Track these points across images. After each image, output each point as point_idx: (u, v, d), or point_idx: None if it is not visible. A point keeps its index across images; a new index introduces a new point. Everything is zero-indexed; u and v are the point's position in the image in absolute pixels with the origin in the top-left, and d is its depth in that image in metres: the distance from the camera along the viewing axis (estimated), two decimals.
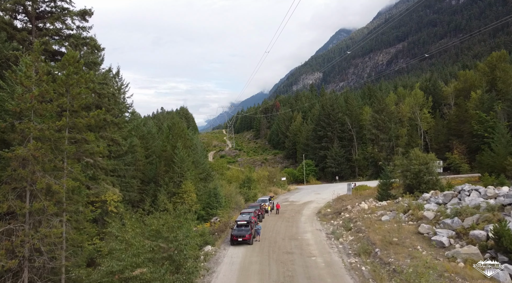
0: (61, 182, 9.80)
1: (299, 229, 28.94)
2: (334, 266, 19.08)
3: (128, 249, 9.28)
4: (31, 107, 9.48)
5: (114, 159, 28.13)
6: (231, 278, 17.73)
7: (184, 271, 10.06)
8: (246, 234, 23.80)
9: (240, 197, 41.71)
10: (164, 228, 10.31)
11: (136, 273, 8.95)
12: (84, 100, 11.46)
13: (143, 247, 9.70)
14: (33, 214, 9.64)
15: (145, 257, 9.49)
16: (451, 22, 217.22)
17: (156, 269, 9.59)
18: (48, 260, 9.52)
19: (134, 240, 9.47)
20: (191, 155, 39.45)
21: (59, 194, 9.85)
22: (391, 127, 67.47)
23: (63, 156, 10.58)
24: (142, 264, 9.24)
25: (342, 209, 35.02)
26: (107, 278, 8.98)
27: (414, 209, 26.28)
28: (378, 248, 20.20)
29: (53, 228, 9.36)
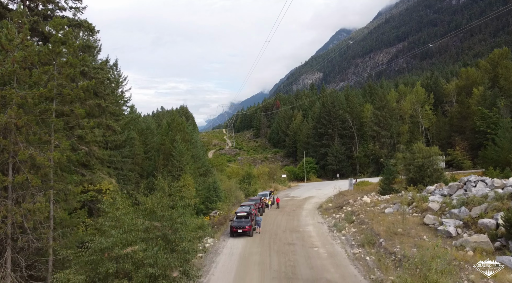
0: (47, 154, 9.10)
1: (300, 222, 28.25)
2: (337, 257, 18.40)
3: (119, 226, 8.59)
4: (13, 72, 8.78)
5: (111, 150, 27.44)
6: (231, 268, 17.05)
7: (179, 249, 9.36)
8: (246, 226, 23.11)
9: (240, 192, 41.00)
10: (159, 207, 9.61)
11: (127, 251, 8.27)
12: (73, 71, 10.77)
13: (135, 225, 9.02)
14: (16, 189, 8.94)
15: (137, 235, 8.82)
16: (452, 22, 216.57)
17: (149, 247, 8.91)
18: (34, 240, 8.84)
19: (126, 217, 8.78)
20: (190, 149, 38.74)
21: (45, 168, 9.16)
22: (392, 124, 66.76)
23: (50, 129, 9.89)
24: (133, 242, 8.57)
25: (344, 203, 34.31)
26: (96, 256, 8.30)
27: (418, 201, 25.58)
28: (382, 238, 19.51)
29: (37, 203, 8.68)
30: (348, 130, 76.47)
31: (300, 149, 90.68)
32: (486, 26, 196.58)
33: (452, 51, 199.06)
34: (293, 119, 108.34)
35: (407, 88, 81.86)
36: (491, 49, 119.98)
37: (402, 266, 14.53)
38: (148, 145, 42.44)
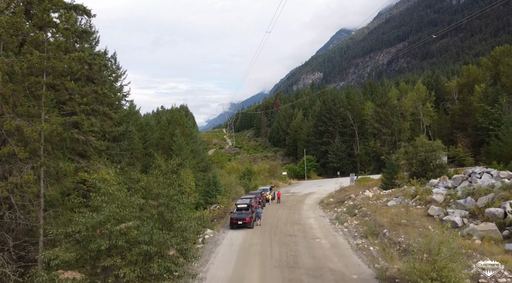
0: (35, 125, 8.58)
1: (301, 215, 27.74)
2: (340, 247, 17.89)
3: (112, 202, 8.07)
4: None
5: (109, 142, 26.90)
6: (231, 258, 16.55)
7: (176, 227, 8.84)
8: (246, 217, 22.59)
9: (240, 187, 40.47)
10: (155, 185, 9.09)
11: (120, 227, 7.76)
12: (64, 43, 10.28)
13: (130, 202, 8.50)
14: (2, 163, 8.43)
15: (131, 211, 8.30)
16: (452, 21, 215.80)
17: (144, 223, 8.39)
18: (22, 218, 8.35)
19: (120, 193, 8.26)
20: (189, 144, 38.24)
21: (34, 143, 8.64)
22: (393, 121, 66.26)
23: (40, 103, 9.38)
24: (127, 218, 8.06)
25: (346, 198, 33.79)
26: (86, 232, 7.79)
27: (421, 193, 25.05)
28: (386, 229, 19.00)
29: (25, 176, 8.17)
30: (349, 128, 75.96)
31: (300, 147, 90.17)
32: (487, 25, 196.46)
33: (453, 51, 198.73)
34: (294, 118, 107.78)
35: (408, 86, 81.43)
36: (492, 49, 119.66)
37: (409, 253, 14.03)
38: (147, 141, 41.97)
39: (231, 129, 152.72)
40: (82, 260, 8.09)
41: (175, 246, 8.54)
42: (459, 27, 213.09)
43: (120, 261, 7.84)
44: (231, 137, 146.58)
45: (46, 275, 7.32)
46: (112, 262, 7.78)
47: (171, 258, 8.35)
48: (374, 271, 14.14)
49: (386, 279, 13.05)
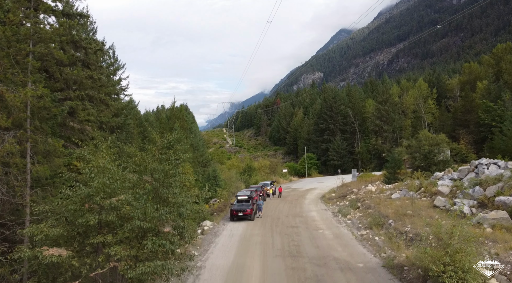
0: (19, 91, 7.95)
1: (303, 209, 27.10)
2: (344, 237, 17.25)
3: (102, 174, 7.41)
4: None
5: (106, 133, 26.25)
6: (231, 247, 15.90)
7: (171, 201, 8.17)
8: (247, 209, 21.95)
9: (241, 182, 39.81)
10: (150, 160, 8.43)
11: (111, 200, 7.11)
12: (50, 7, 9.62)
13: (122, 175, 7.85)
14: None
15: (123, 184, 7.64)
16: (452, 21, 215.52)
17: (137, 195, 7.72)
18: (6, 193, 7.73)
19: (110, 165, 7.60)
20: (189, 138, 37.59)
21: (19, 113, 8.04)
22: (395, 118, 65.64)
23: (26, 73, 8.76)
24: (118, 191, 7.41)
25: (348, 192, 33.15)
26: (73, 206, 7.14)
27: (426, 186, 24.42)
28: (391, 219, 18.38)
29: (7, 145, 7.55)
30: (350, 126, 75.32)
31: (301, 146, 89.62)
32: (487, 25, 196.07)
33: (453, 51, 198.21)
34: (294, 116, 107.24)
35: (409, 83, 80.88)
36: (493, 48, 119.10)
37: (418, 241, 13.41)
38: (146, 137, 41.32)
39: (231, 129, 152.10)
40: (69, 237, 7.45)
41: (171, 223, 7.89)
42: (460, 27, 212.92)
43: (111, 238, 7.21)
44: (231, 136, 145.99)
45: (29, 251, 6.70)
46: (102, 239, 7.15)
47: (166, 236, 7.71)
48: (380, 260, 13.51)
49: (394, 267, 12.42)
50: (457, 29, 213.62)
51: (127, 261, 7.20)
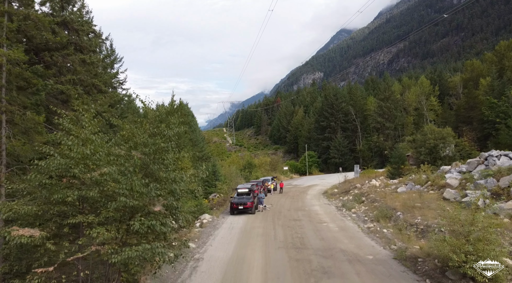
0: None
1: (305, 203, 26.16)
2: (350, 230, 16.30)
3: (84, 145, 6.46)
4: None
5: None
6: (231, 240, 14.95)
7: (162, 176, 7.19)
8: (247, 202, 21.00)
9: (241, 178, 38.83)
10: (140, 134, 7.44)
11: (93, 174, 6.18)
12: None
13: (107, 147, 6.90)
14: None
15: (107, 158, 6.69)
16: (453, 21, 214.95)
17: (122, 168, 6.74)
18: None
19: (94, 137, 6.64)
20: (188, 132, 36.63)
21: None
22: (397, 115, 64.69)
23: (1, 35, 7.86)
24: (101, 163, 6.47)
25: (351, 187, 32.23)
26: (49, 180, 6.19)
27: (434, 179, 23.47)
28: (399, 212, 17.42)
29: None
30: (351, 123, 74.33)
31: (301, 144, 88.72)
32: (488, 25, 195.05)
33: (454, 50, 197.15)
34: (295, 115, 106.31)
35: (411, 81, 79.98)
36: (493, 48, 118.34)
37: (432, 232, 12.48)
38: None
39: (231, 128, 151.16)
40: (45, 216, 6.51)
41: (162, 201, 6.94)
42: (460, 26, 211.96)
43: (93, 218, 6.28)
44: (231, 135, 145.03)
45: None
46: (83, 219, 6.21)
47: (157, 216, 6.76)
48: (391, 252, 12.56)
49: (406, 259, 11.46)
50: (458, 29, 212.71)
51: (111, 245, 6.27)
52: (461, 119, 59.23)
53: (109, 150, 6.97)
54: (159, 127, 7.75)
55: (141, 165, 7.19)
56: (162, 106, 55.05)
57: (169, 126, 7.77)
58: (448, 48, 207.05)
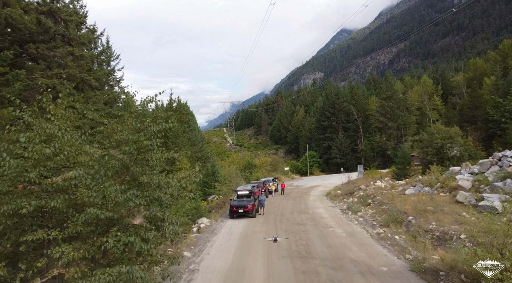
0: None
1: (308, 205, 24.89)
2: (358, 236, 15.04)
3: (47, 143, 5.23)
4: None
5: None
6: (230, 247, 13.69)
7: (143, 180, 5.87)
8: (248, 205, 19.73)
9: (241, 179, 37.58)
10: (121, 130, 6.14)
11: (55, 180, 4.95)
12: None
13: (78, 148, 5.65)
14: None
15: (76, 159, 5.44)
16: (454, 21, 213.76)
17: (92, 171, 5.48)
18: None
19: (61, 133, 5.37)
20: (187, 132, 35.40)
21: None
22: (399, 115, 63.39)
23: None
24: (70, 165, 5.24)
25: (355, 189, 30.97)
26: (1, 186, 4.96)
27: (444, 181, 22.21)
28: (411, 216, 16.16)
29: None
30: (353, 123, 73.05)
31: (302, 144, 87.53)
32: (489, 24, 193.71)
33: (455, 50, 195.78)
34: (295, 114, 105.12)
35: (413, 80, 78.74)
36: (495, 48, 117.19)
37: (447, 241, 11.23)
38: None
39: (231, 128, 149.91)
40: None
41: (143, 212, 5.68)
42: (461, 26, 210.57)
43: (57, 234, 5.05)
44: (231, 135, 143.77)
45: None
46: (45, 236, 4.98)
47: (136, 230, 5.52)
48: (406, 263, 11.30)
49: (426, 271, 10.21)
50: (458, 29, 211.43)
51: (79, 267, 5.02)
52: (465, 119, 57.97)
53: (80, 149, 5.71)
54: (144, 122, 6.49)
55: (121, 167, 5.94)
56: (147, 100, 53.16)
57: (155, 121, 6.49)
58: (449, 48, 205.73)
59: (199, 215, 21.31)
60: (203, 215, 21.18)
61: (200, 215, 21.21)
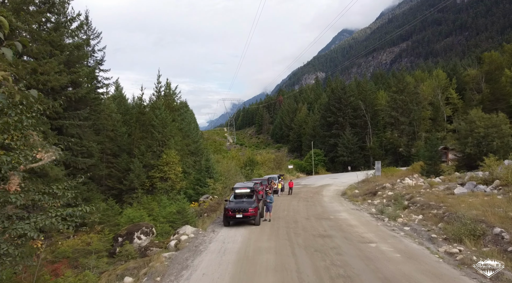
0: None
1: (325, 208, 19.25)
2: (422, 259, 9.40)
3: None
4: None
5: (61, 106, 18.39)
6: (219, 279, 8.05)
7: None
8: (249, 208, 14.05)
9: (241, 176, 32.00)
10: None
11: None
12: None
13: None
14: None
15: None
16: (457, 20, 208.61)
17: None
18: None
19: None
20: (177, 121, 29.82)
21: None
22: (412, 109, 57.73)
23: None
24: None
25: (377, 188, 25.38)
26: None
27: (507, 177, 16.61)
28: (498, 227, 10.50)
29: None
30: (361, 119, 67.38)
31: (305, 142, 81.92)
32: (493, 24, 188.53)
33: (458, 49, 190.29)
34: (298, 112, 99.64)
35: (424, 74, 73.14)
36: (499, 47, 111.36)
37: None
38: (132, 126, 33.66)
39: (231, 126, 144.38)
40: None
41: None
42: (464, 26, 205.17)
43: None
44: (231, 134, 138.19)
45: None
46: None
47: None
48: None
49: None
50: (461, 28, 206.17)
51: None
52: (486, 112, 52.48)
53: None
54: None
55: None
56: None
57: None
58: (452, 48, 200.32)
59: (183, 221, 15.72)
60: (188, 221, 15.58)
61: (185, 221, 15.61)
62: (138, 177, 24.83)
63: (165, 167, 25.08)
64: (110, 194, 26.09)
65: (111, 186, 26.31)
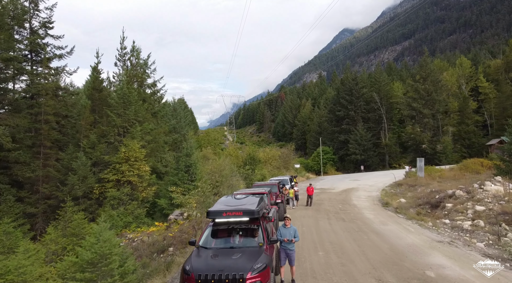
0: None
1: (386, 238, 10.27)
2: None
3: None
4: None
5: None
6: None
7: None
8: (246, 273, 4.96)
9: (238, 179, 23.00)
10: None
11: None
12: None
13: None
14: None
15: None
16: (460, 18, 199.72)
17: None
18: None
19: None
20: (149, 100, 20.84)
21: None
22: (437, 100, 48.71)
23: None
24: None
25: (439, 197, 16.49)
26: None
27: None
28: None
29: None
30: (374, 113, 58.28)
31: (310, 140, 72.93)
32: (498, 21, 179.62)
33: (463, 47, 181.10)
34: (302, 108, 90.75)
35: (444, 63, 64.17)
36: (506, 44, 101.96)
37: None
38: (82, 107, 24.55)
39: (231, 124, 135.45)
40: None
41: None
42: (468, 23, 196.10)
43: None
44: (231, 132, 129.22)
45: None
46: None
47: None
48: None
49: None
50: (466, 26, 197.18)
51: None
52: None
53: None
54: None
55: None
56: None
57: None
58: (456, 45, 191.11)
59: (102, 274, 6.69)
60: (114, 276, 6.52)
61: (109, 274, 6.58)
62: (83, 180, 15.91)
63: (124, 166, 16.16)
64: (47, 205, 17.28)
65: (48, 193, 17.42)
